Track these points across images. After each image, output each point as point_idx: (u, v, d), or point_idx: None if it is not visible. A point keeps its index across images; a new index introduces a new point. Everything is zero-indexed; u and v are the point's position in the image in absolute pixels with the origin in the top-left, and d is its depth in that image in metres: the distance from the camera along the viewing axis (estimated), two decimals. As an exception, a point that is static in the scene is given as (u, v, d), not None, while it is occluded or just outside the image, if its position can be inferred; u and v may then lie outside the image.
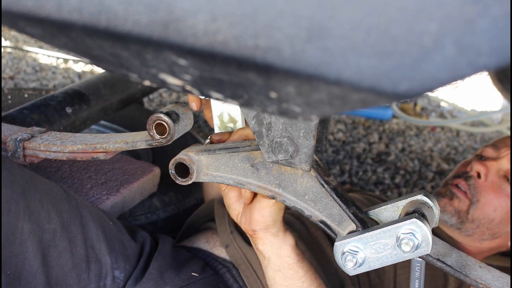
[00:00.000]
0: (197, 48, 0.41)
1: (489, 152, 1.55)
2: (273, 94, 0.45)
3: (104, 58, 0.48)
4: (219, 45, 0.40)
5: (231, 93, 0.48)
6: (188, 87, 0.49)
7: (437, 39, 0.36)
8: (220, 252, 1.34)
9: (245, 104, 0.50)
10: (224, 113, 1.08)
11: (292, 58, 0.39)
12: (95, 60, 0.50)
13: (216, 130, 1.09)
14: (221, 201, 1.48)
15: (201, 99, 1.04)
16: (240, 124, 1.08)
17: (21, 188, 1.01)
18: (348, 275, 1.32)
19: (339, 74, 0.38)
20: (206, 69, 0.44)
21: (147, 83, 0.52)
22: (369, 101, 0.41)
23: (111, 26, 0.42)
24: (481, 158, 1.55)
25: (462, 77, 0.37)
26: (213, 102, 1.08)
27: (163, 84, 0.50)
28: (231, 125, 1.09)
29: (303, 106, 0.45)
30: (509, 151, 1.51)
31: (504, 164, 1.50)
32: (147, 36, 0.42)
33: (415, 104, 3.41)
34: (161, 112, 0.96)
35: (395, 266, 1.35)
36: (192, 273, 1.25)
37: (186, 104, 1.03)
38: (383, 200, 1.64)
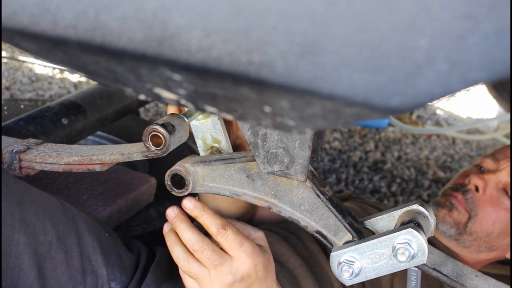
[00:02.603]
0: (191, 63, 0.41)
1: (489, 163, 1.54)
2: (267, 109, 0.45)
3: (99, 73, 0.49)
4: (213, 60, 0.41)
5: (225, 107, 0.48)
6: (183, 101, 0.50)
7: (429, 54, 0.36)
8: None
9: (239, 118, 0.50)
10: (206, 134, 1.08)
11: (286, 73, 0.39)
12: (90, 75, 0.50)
13: (201, 153, 1.09)
14: (232, 213, 1.47)
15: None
16: (224, 143, 1.09)
17: (16, 200, 1.01)
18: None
19: (332, 89, 0.39)
20: (200, 84, 0.44)
21: (142, 97, 0.52)
22: (362, 116, 0.41)
23: (106, 42, 0.43)
24: (480, 168, 1.55)
25: (453, 91, 0.37)
26: (193, 126, 1.08)
27: (158, 98, 0.50)
28: (216, 145, 1.09)
29: (297, 120, 0.46)
30: (508, 164, 1.49)
31: (503, 176, 1.48)
32: (142, 52, 0.42)
33: (411, 112, 3.42)
34: (157, 124, 0.96)
35: (391, 280, 1.34)
36: None
37: (181, 115, 1.03)
38: (380, 208, 1.65)
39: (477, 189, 1.49)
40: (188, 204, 1.00)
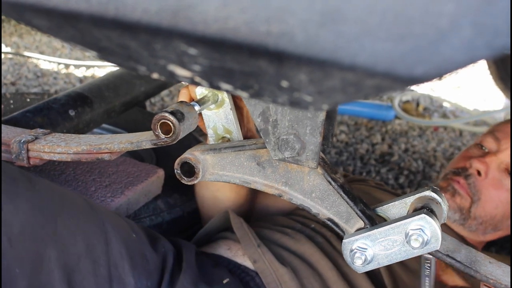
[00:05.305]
0: (207, 35, 0.40)
1: (490, 142, 1.53)
2: (284, 83, 0.44)
3: (112, 50, 0.48)
4: (230, 32, 0.40)
5: (241, 84, 0.47)
6: (197, 79, 0.49)
7: (454, 20, 0.35)
8: (243, 260, 1.31)
9: (255, 95, 0.49)
10: (218, 124, 1.07)
11: (306, 44, 0.38)
12: (102, 52, 0.49)
13: (211, 142, 1.08)
14: (236, 211, 1.45)
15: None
16: (235, 134, 1.08)
17: (52, 214, 0.98)
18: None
19: (354, 59, 0.38)
20: (216, 58, 0.43)
21: (155, 76, 0.51)
22: (384, 87, 0.40)
23: (119, 15, 0.42)
24: (481, 147, 1.54)
25: (479, 58, 0.36)
26: (204, 115, 1.07)
27: (172, 76, 0.49)
28: (227, 135, 1.08)
29: (315, 95, 0.45)
30: (509, 143, 1.48)
31: (505, 157, 1.47)
32: (157, 24, 0.41)
33: (418, 105, 3.41)
34: (166, 111, 0.95)
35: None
36: (224, 281, 1.21)
37: (192, 103, 1.02)
38: (383, 188, 1.64)
39: (479, 173, 1.48)
40: None
